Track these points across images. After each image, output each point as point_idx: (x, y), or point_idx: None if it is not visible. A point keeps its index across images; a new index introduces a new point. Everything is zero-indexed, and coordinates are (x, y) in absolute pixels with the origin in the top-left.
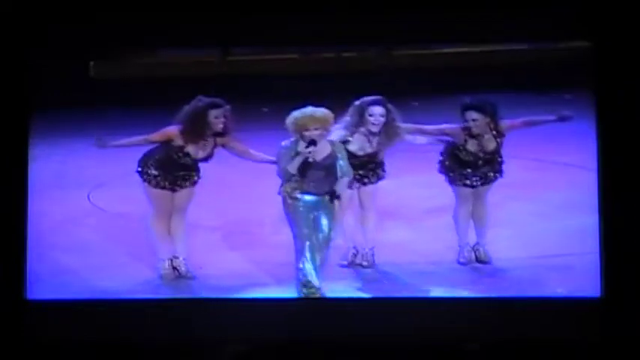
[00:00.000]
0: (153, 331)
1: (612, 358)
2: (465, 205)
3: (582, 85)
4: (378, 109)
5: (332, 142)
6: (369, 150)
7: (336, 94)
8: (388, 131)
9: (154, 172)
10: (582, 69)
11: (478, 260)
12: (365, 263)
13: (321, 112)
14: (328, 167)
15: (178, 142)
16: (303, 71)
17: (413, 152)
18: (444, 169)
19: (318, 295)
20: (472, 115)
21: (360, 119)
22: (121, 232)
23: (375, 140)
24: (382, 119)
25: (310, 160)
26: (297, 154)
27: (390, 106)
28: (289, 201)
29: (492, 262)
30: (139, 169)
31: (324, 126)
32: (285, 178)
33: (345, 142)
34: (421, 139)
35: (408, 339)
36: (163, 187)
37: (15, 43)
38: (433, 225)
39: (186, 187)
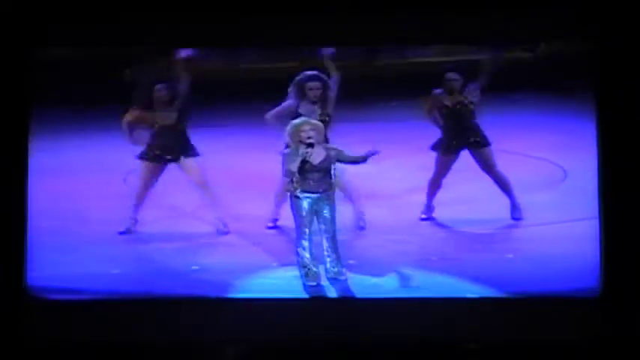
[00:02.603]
0: (153, 331)
1: (611, 357)
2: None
3: (583, 85)
4: (315, 84)
5: (327, 148)
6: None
7: None
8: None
9: None
10: (583, 68)
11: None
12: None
13: (314, 120)
14: (324, 169)
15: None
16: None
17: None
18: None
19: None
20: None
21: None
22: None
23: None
24: (320, 91)
25: (308, 159)
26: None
27: (326, 78)
28: (294, 198)
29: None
30: None
31: (318, 131)
32: (289, 177)
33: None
34: None
35: (408, 339)
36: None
37: (15, 43)
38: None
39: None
